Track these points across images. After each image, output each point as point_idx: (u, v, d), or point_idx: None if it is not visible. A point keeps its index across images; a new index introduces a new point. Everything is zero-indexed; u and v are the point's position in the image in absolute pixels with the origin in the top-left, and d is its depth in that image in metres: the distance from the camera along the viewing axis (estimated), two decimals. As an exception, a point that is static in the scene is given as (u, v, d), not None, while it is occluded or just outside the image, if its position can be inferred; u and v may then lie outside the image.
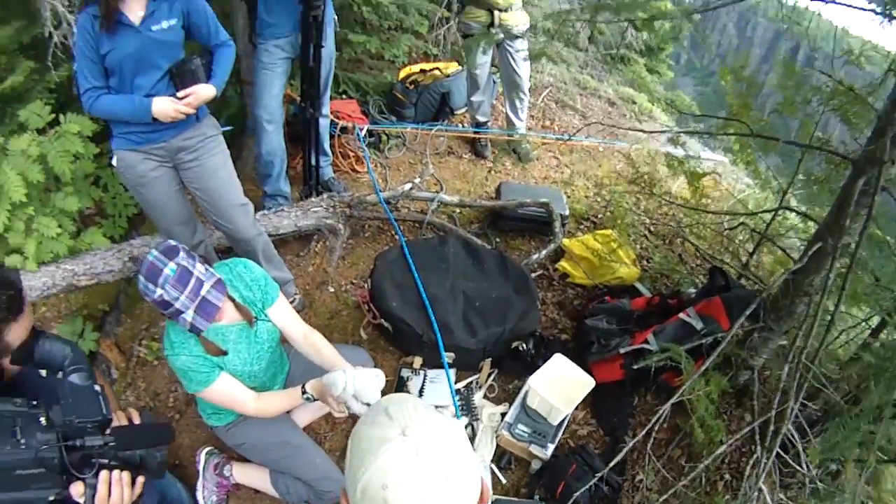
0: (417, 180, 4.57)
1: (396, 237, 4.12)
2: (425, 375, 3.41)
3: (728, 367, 2.96)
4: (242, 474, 3.03)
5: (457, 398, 3.27)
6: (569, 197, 4.91)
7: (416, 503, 0.99)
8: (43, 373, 1.87)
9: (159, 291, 2.17)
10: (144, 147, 3.02)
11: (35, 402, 1.55)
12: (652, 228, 4.53)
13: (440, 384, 3.34)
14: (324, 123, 4.41)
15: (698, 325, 3.03)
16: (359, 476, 1.02)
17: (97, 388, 1.70)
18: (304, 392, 2.48)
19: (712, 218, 4.03)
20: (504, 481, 3.09)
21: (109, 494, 1.61)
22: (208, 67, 3.00)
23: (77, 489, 1.56)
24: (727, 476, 3.03)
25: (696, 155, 4.03)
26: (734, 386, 3.09)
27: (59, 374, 1.75)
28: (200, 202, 3.32)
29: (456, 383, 3.40)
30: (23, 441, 1.46)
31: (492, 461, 3.11)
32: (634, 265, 3.93)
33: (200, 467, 3.06)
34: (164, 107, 2.85)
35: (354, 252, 4.33)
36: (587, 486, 2.80)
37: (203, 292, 2.25)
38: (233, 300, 2.52)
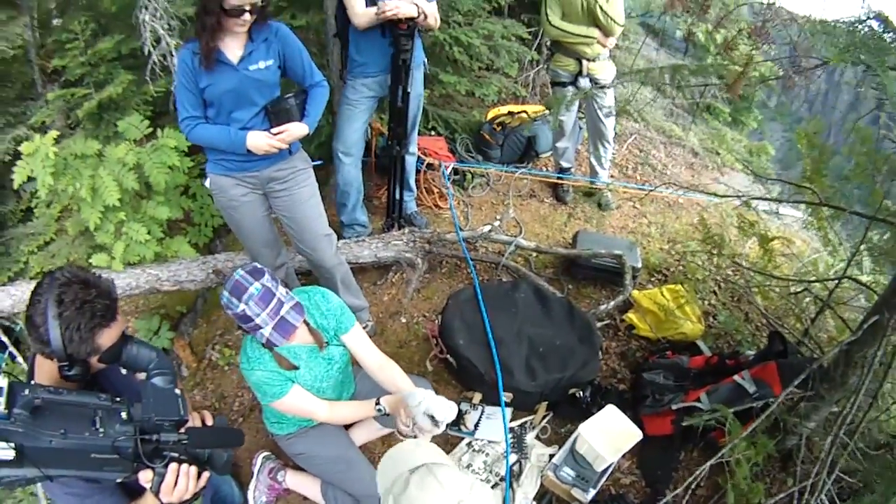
0: (497, 222, 4.69)
1: (472, 275, 4.23)
2: (483, 411, 3.52)
3: (777, 431, 2.95)
4: (295, 481, 3.21)
5: (509, 436, 3.37)
6: (644, 248, 4.96)
7: None
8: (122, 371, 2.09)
9: (242, 307, 2.35)
10: (237, 174, 3.20)
11: (119, 399, 1.73)
12: (722, 285, 4.52)
13: (496, 421, 3.44)
14: (410, 160, 4.59)
15: (751, 389, 3.03)
16: None
17: (177, 391, 1.87)
18: (377, 404, 2.62)
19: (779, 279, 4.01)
20: (542, 518, 3.18)
21: (176, 484, 1.77)
22: (302, 106, 3.16)
23: (146, 476, 1.73)
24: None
25: (774, 210, 3.99)
26: (780, 450, 3.07)
27: (143, 375, 1.95)
28: (287, 229, 3.51)
29: (511, 421, 3.49)
30: (101, 430, 1.63)
31: (534, 498, 3.18)
32: (699, 322, 3.93)
33: (256, 469, 3.25)
34: (258, 141, 3.02)
35: (430, 286, 4.47)
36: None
37: (283, 312, 2.41)
38: (307, 324, 2.69)
